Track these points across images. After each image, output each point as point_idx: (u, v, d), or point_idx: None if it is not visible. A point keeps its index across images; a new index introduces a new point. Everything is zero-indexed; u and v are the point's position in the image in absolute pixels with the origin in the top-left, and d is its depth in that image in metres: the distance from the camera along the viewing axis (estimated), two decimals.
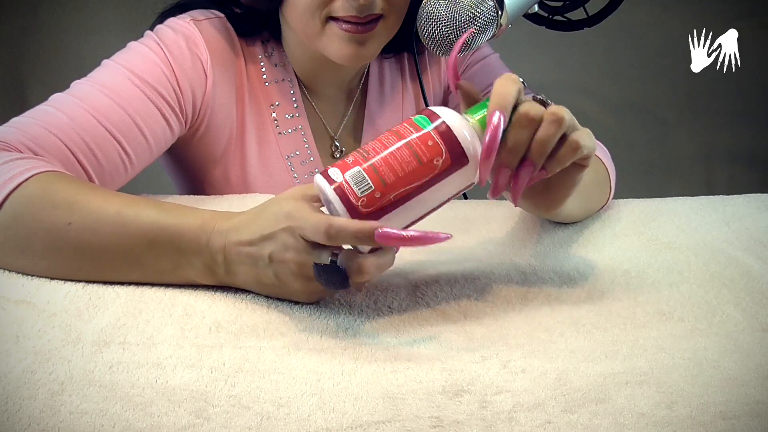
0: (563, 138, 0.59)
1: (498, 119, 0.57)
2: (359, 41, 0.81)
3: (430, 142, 0.57)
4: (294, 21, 0.84)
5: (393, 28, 0.84)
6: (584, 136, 0.61)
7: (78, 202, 0.64)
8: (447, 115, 0.58)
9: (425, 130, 0.58)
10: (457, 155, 0.57)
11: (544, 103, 0.60)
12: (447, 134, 0.57)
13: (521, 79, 0.61)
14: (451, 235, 0.56)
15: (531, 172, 0.60)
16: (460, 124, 0.58)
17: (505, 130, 0.58)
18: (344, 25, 0.79)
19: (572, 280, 0.68)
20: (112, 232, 0.63)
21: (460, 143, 0.57)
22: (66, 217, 0.63)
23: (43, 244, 0.64)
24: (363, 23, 0.79)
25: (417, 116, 0.59)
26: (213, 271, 0.63)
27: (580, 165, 0.62)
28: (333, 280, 0.57)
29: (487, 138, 0.57)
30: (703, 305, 0.64)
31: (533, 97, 0.60)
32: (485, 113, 0.59)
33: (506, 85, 0.58)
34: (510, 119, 0.58)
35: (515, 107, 0.59)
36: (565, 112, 0.59)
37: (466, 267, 0.70)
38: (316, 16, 0.80)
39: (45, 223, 0.63)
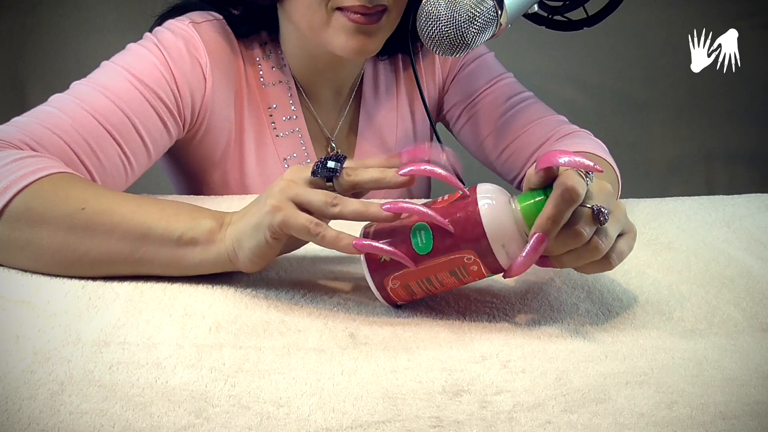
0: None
1: (537, 246, 0.55)
2: (366, 32, 0.80)
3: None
4: (298, 13, 0.83)
5: (394, 22, 0.84)
6: (624, 249, 0.59)
7: (93, 192, 0.65)
8: (485, 189, 0.58)
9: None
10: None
11: (601, 214, 0.55)
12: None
13: (588, 178, 0.56)
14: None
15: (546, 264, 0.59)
16: (501, 214, 0.57)
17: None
18: (352, 15, 0.79)
19: (572, 280, 0.68)
20: (128, 210, 0.63)
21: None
22: (80, 204, 0.63)
23: (53, 230, 0.63)
24: (370, 14, 0.79)
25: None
26: (217, 230, 0.63)
27: None
28: (328, 167, 0.59)
29: (520, 259, 0.56)
30: (703, 305, 0.64)
31: (593, 209, 0.55)
32: (536, 200, 0.57)
33: (563, 202, 0.54)
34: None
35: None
36: (607, 243, 0.56)
37: None
38: (323, 7, 0.80)
39: (57, 210, 0.63)
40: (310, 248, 0.73)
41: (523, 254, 0.56)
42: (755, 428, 0.48)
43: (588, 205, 0.55)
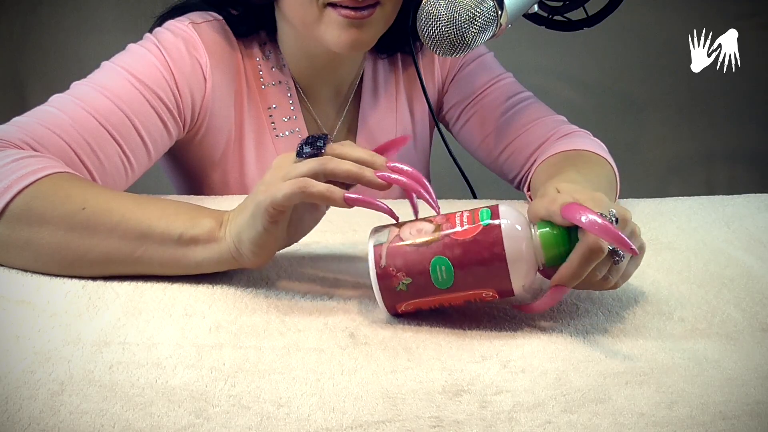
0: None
1: (557, 296, 0.57)
2: (357, 26, 0.80)
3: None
4: (291, 10, 0.84)
5: (390, 17, 0.84)
6: (631, 272, 0.60)
7: (93, 192, 0.65)
8: (507, 213, 0.57)
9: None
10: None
11: (617, 255, 0.56)
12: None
13: (613, 218, 0.57)
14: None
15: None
16: (517, 222, 0.57)
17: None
18: (343, 11, 0.79)
19: None
20: (128, 209, 0.63)
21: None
22: (80, 203, 0.63)
23: (53, 229, 0.63)
24: (361, 8, 0.79)
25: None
26: (218, 228, 0.62)
27: None
28: (312, 144, 0.58)
29: (538, 304, 0.58)
30: (703, 305, 0.64)
31: (611, 252, 0.56)
32: (555, 231, 0.57)
33: (587, 261, 0.55)
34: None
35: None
36: (617, 276, 0.58)
37: None
38: (314, 3, 0.80)
39: (58, 210, 0.63)
40: (310, 248, 0.73)
41: (542, 300, 0.58)
42: (755, 428, 0.48)
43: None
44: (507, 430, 0.47)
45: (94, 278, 0.65)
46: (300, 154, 0.58)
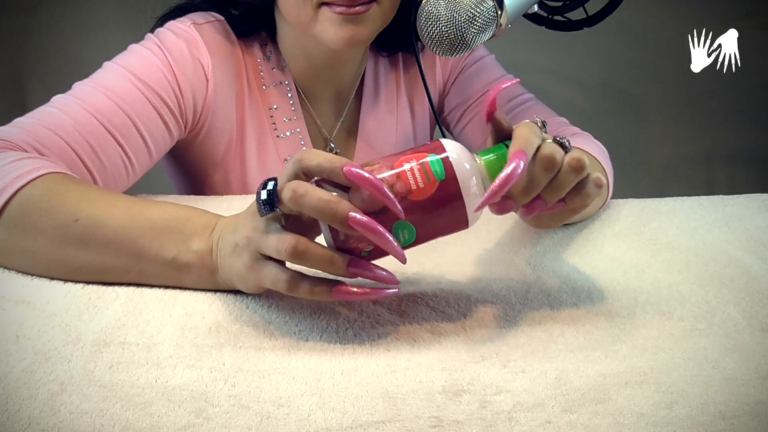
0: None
1: (520, 162, 0.54)
2: (354, 22, 0.80)
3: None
4: (287, 11, 0.84)
5: (388, 13, 0.84)
6: (599, 181, 0.59)
7: (87, 200, 0.64)
8: (453, 150, 0.57)
9: (428, 159, 0.56)
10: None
11: (564, 146, 0.57)
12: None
13: (541, 121, 0.59)
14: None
15: (541, 208, 0.58)
16: (466, 160, 0.57)
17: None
18: (337, 8, 0.79)
19: (572, 280, 0.68)
20: (120, 225, 0.62)
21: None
22: (74, 214, 0.63)
23: (48, 241, 0.63)
24: (355, 5, 0.79)
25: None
26: (209, 254, 0.61)
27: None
28: (261, 201, 0.54)
29: (503, 174, 0.54)
30: (703, 305, 0.64)
31: (554, 138, 0.58)
32: (497, 155, 0.58)
33: (529, 131, 0.57)
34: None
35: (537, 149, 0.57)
36: (586, 158, 0.57)
37: (465, 267, 0.70)
38: (308, 3, 0.80)
39: (52, 220, 0.63)
40: None
41: (506, 170, 0.55)
42: (755, 428, 0.48)
43: (549, 139, 0.57)
44: (507, 430, 0.47)
45: None
46: (260, 209, 0.55)
